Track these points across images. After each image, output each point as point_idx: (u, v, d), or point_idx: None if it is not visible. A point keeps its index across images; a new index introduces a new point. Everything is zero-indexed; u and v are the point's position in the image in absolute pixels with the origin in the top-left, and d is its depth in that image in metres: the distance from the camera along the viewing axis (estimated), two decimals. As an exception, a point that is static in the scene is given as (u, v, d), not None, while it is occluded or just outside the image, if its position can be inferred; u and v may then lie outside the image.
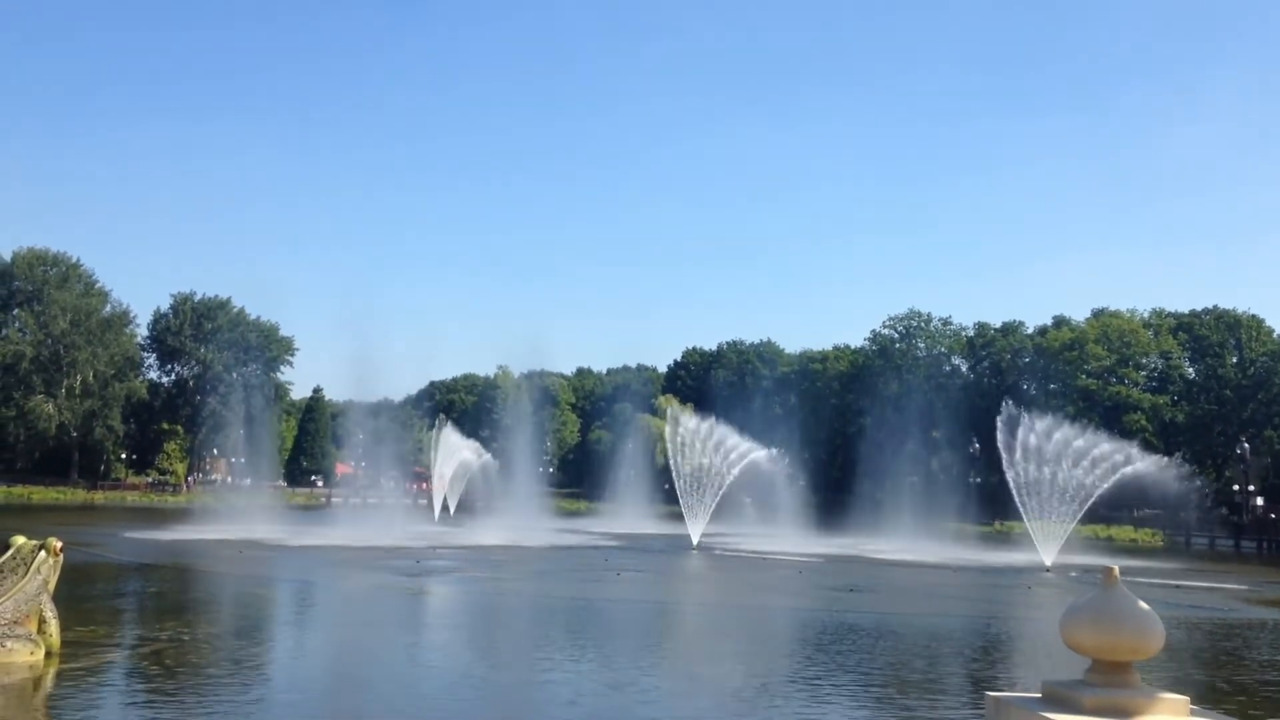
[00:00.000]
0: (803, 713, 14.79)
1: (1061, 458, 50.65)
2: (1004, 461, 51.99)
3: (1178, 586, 38.24)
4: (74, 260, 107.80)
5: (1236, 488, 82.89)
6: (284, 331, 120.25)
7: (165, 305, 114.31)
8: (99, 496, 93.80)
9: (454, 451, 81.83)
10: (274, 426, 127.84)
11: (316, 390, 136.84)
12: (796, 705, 15.24)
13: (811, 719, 14.53)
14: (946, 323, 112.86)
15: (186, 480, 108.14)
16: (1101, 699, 6.00)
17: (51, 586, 16.48)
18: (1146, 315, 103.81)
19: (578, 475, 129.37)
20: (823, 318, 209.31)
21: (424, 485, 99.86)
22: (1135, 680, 6.18)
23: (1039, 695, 6.46)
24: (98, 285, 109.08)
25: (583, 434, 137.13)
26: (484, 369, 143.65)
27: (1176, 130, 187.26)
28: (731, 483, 57.84)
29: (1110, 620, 6.11)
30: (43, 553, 16.30)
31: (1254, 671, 20.09)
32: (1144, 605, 6.19)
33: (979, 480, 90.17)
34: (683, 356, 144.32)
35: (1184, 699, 6.08)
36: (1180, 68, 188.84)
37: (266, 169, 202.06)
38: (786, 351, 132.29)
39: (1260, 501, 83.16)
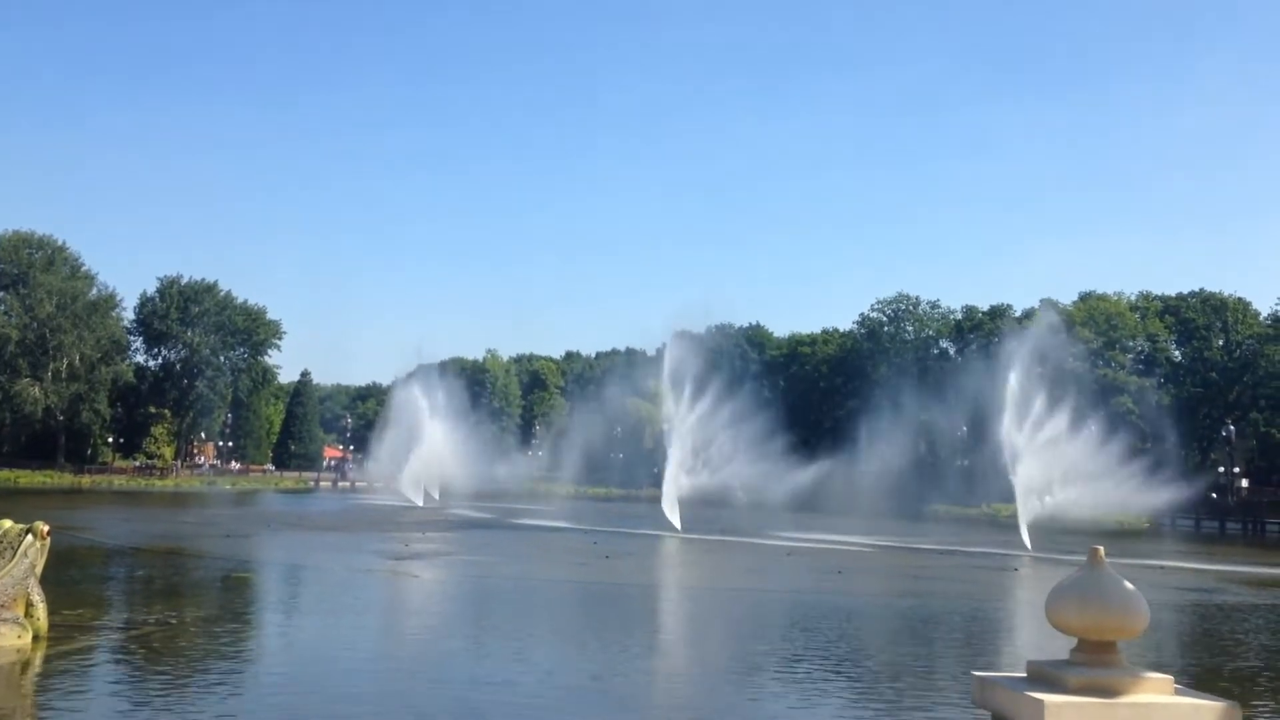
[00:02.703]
0: (791, 696, 14.85)
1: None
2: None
3: (1162, 568, 38.52)
4: (60, 243, 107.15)
5: (1222, 470, 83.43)
6: (271, 315, 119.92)
7: (152, 288, 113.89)
8: (86, 480, 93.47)
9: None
10: (261, 410, 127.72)
11: (304, 374, 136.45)
12: (785, 688, 15.32)
13: (800, 702, 14.58)
14: (935, 306, 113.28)
15: (174, 464, 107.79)
16: (1086, 678, 6.03)
17: (39, 570, 16.41)
18: (1133, 298, 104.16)
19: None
20: (811, 301, 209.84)
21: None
22: (1120, 660, 6.21)
23: (1024, 675, 6.49)
24: (84, 268, 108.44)
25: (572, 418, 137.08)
26: (473, 352, 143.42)
27: (1163, 115, 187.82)
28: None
29: (1096, 600, 6.13)
30: (30, 536, 16.22)
31: (1242, 653, 20.25)
32: (1129, 585, 6.22)
33: (966, 463, 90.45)
34: (672, 340, 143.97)
35: (1168, 678, 6.11)
36: (1168, 53, 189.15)
37: (254, 153, 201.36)
38: (775, 335, 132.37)
39: (1245, 484, 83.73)
